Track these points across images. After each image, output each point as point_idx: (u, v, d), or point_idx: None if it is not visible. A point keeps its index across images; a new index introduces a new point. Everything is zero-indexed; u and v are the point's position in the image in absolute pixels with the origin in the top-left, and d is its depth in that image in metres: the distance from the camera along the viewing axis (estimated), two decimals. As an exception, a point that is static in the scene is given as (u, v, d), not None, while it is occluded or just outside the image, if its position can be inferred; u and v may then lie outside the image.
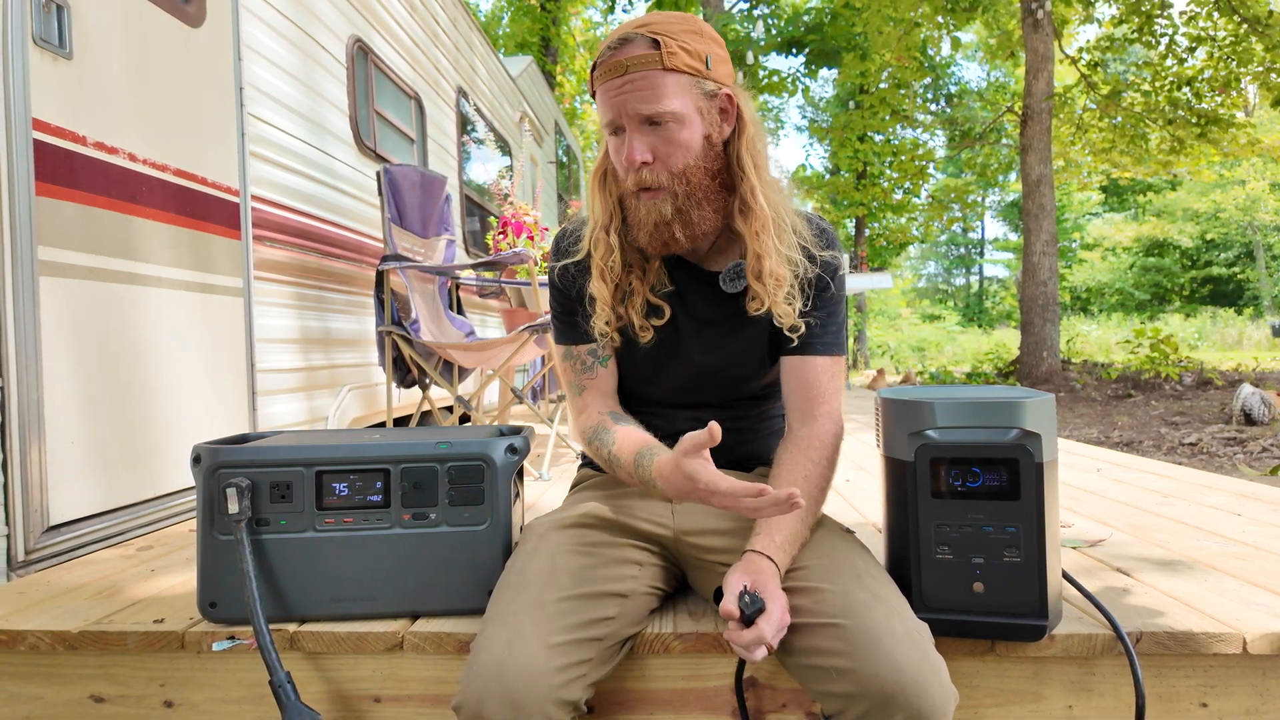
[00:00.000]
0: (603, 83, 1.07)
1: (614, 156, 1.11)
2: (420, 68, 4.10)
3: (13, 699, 1.16)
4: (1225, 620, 1.10)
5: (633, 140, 1.06)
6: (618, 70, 1.04)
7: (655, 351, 1.20)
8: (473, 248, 4.88)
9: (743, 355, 1.19)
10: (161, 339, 1.99)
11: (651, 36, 1.04)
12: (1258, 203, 23.24)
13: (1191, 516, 1.81)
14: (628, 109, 1.05)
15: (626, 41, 1.05)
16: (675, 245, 1.12)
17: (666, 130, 1.05)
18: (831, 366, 1.17)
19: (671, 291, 1.19)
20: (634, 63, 1.03)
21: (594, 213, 1.19)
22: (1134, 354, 8.89)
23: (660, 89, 1.04)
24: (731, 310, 1.17)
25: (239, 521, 1.11)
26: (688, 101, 1.06)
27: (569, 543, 1.06)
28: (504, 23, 17.85)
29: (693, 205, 1.09)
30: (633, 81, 1.04)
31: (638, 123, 1.05)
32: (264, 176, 2.52)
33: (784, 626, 0.92)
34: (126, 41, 1.91)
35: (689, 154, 1.07)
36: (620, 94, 1.05)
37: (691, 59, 1.05)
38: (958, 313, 33.63)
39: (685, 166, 1.08)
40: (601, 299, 1.17)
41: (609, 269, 1.16)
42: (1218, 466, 4.48)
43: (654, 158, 1.07)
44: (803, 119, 29.09)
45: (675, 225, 1.10)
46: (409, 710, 1.13)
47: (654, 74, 1.03)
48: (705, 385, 1.21)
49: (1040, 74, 9.19)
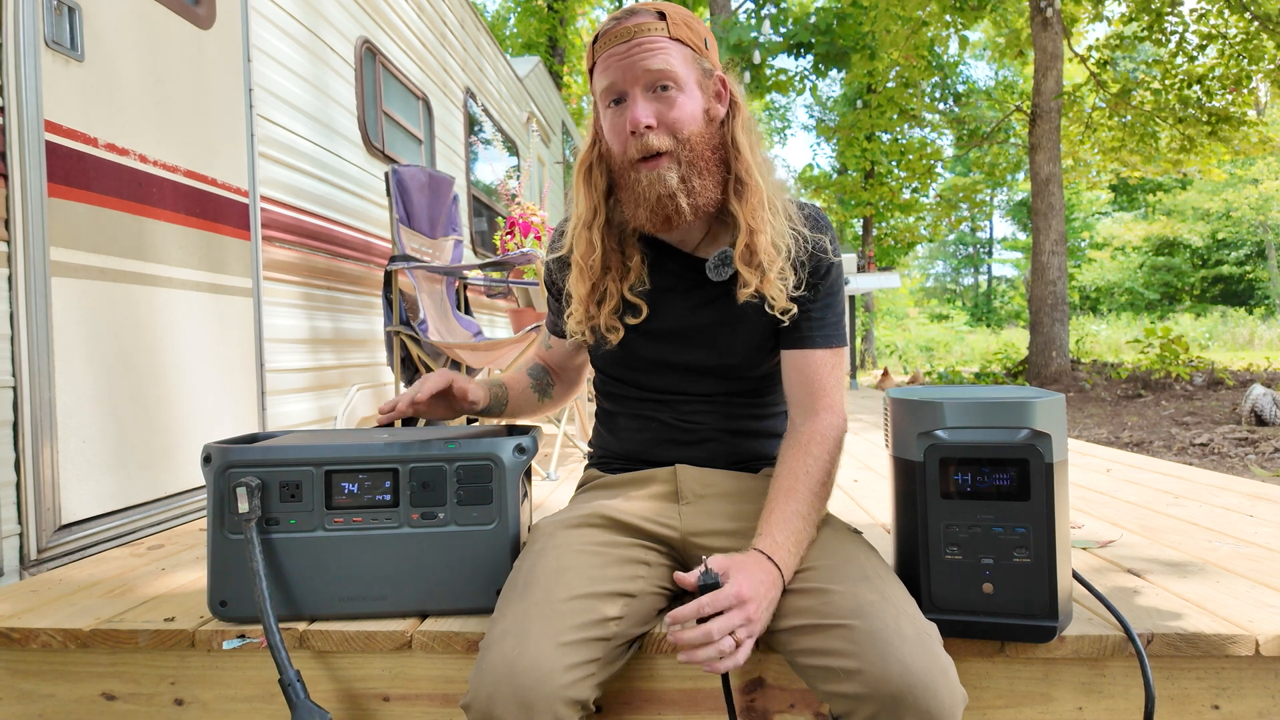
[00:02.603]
0: (606, 49, 1.08)
1: (611, 132, 1.11)
2: (428, 68, 4.11)
3: (25, 696, 1.17)
4: (1237, 622, 1.09)
5: (637, 103, 1.07)
6: (624, 35, 1.06)
7: (644, 344, 1.20)
8: (480, 248, 4.89)
9: (732, 345, 1.18)
10: (172, 339, 2.00)
11: (656, 10, 1.08)
12: (1270, 201, 23.06)
13: (1203, 517, 1.80)
14: (634, 69, 1.06)
15: (632, 13, 1.07)
16: (678, 219, 1.10)
17: (670, 96, 1.07)
18: (832, 359, 1.16)
19: (652, 287, 1.19)
20: (641, 28, 1.06)
21: (577, 208, 1.19)
22: (1144, 354, 8.83)
23: (667, 51, 1.06)
24: (720, 299, 1.17)
25: (249, 521, 1.11)
26: (690, 73, 1.09)
27: (577, 542, 1.06)
28: (511, 23, 17.88)
29: (695, 174, 1.09)
30: (640, 44, 1.06)
31: (643, 86, 1.07)
32: (273, 177, 2.53)
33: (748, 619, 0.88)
34: (137, 43, 1.92)
35: (693, 121, 1.09)
36: (627, 56, 1.06)
37: (693, 35, 1.09)
38: (966, 312, 33.50)
39: (690, 134, 1.08)
40: (578, 296, 1.19)
41: (588, 267, 1.18)
42: (1229, 467, 4.44)
43: (658, 122, 1.07)
44: (810, 118, 29.05)
45: (680, 196, 1.08)
46: (418, 709, 1.13)
47: (661, 38, 1.06)
48: (698, 376, 1.21)
49: (1049, 72, 9.14)
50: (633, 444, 1.26)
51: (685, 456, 1.21)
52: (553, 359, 1.39)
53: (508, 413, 1.29)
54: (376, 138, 3.40)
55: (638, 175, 1.09)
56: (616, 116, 1.09)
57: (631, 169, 1.10)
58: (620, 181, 1.14)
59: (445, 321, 3.09)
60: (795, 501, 1.03)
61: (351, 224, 3.11)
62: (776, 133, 25.99)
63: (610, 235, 1.19)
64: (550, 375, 1.39)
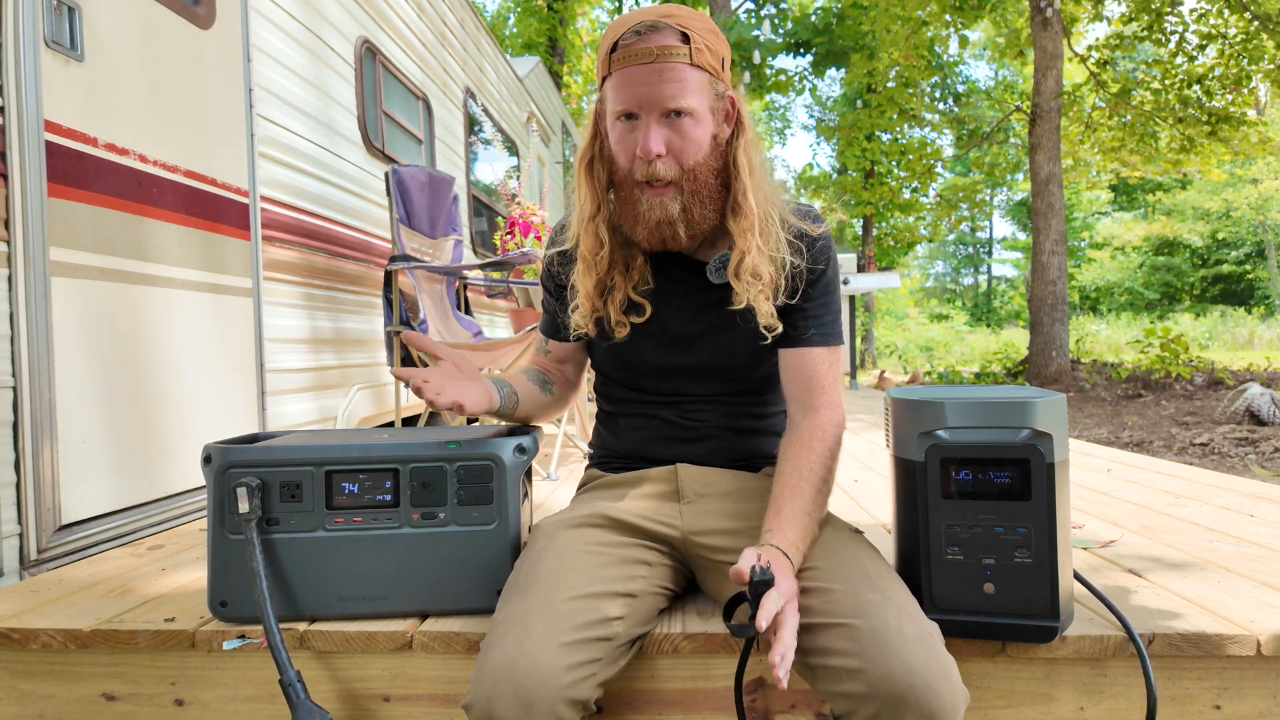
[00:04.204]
0: (626, 66, 1.05)
1: (618, 144, 1.10)
2: (428, 68, 4.10)
3: (25, 697, 1.17)
4: (1239, 622, 1.09)
5: (650, 130, 1.05)
6: (647, 56, 1.03)
7: (644, 344, 1.20)
8: (480, 248, 4.89)
9: (731, 347, 1.18)
10: (172, 339, 2.00)
11: (681, 30, 1.04)
12: (1269, 201, 23.05)
13: (1204, 517, 1.80)
14: (652, 98, 1.04)
15: (656, 29, 1.04)
16: (674, 243, 1.12)
17: (683, 125, 1.06)
18: (829, 356, 1.16)
19: (656, 287, 1.20)
20: (664, 52, 1.03)
21: (580, 202, 1.19)
22: (1144, 354, 8.83)
23: (687, 83, 1.04)
24: (718, 302, 1.17)
25: (249, 521, 1.11)
26: (704, 100, 1.07)
27: (578, 542, 1.06)
28: (511, 23, 17.87)
29: (697, 203, 1.10)
30: (661, 72, 1.03)
31: (659, 114, 1.05)
32: (273, 177, 2.53)
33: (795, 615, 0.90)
34: (137, 43, 1.92)
35: (699, 151, 1.08)
36: (647, 82, 1.04)
37: (712, 58, 1.07)
38: (966, 312, 33.49)
39: (695, 163, 1.08)
40: (584, 290, 1.18)
41: (595, 262, 1.17)
42: (1229, 467, 4.44)
43: (667, 151, 1.06)
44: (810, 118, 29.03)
45: (679, 225, 1.10)
46: (418, 709, 1.13)
47: (682, 67, 1.04)
48: (697, 377, 1.21)
49: (1049, 72, 9.14)
50: (633, 442, 1.26)
51: (686, 455, 1.21)
52: (550, 363, 1.36)
53: (521, 413, 1.26)
54: (376, 137, 3.39)
55: (641, 195, 1.10)
56: (627, 133, 1.09)
57: (636, 188, 1.10)
58: (620, 189, 1.14)
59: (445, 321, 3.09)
60: (801, 498, 1.04)
61: (351, 224, 3.11)
62: (776, 133, 25.96)
63: (614, 230, 1.19)
64: (547, 376, 1.37)
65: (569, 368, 1.37)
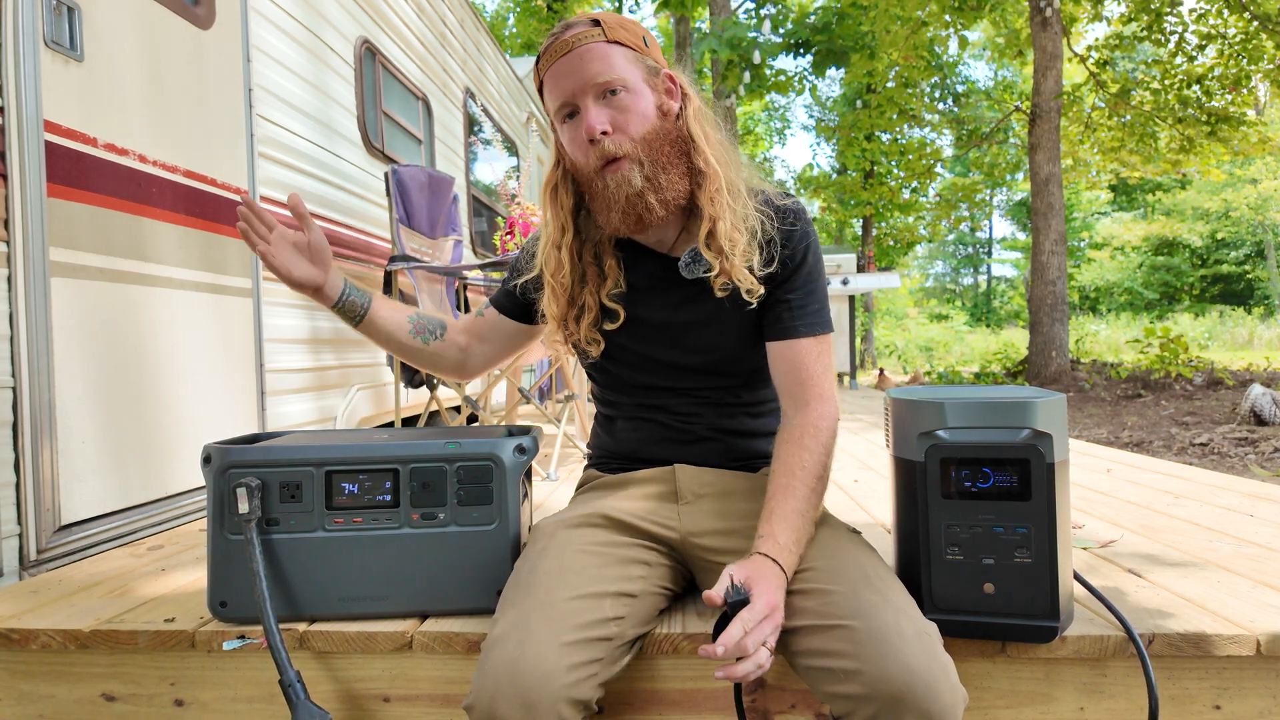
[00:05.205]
0: (550, 64, 1.10)
1: (571, 144, 1.12)
2: (428, 69, 4.10)
3: (25, 697, 1.17)
4: (1239, 622, 1.09)
5: (590, 112, 1.08)
6: (564, 48, 1.08)
7: (631, 344, 1.20)
8: (480, 248, 4.89)
9: (716, 342, 1.18)
10: (172, 339, 2.00)
11: (590, 19, 1.10)
12: (1269, 201, 23.06)
13: (1204, 517, 1.80)
14: (581, 81, 1.07)
15: (569, 27, 1.10)
16: (649, 216, 1.10)
17: (620, 100, 1.08)
18: (817, 346, 1.15)
19: (632, 288, 1.20)
20: (579, 38, 1.08)
21: (546, 228, 1.20)
22: (1143, 354, 8.83)
23: (609, 58, 1.08)
24: (698, 296, 1.17)
25: (249, 521, 1.11)
26: (635, 72, 1.10)
27: (578, 542, 1.06)
28: (511, 23, 17.87)
29: (659, 170, 1.10)
30: (582, 56, 1.07)
31: (593, 96, 1.08)
32: (273, 177, 2.53)
33: (776, 626, 0.90)
34: (137, 43, 1.92)
35: (645, 121, 1.10)
36: (572, 70, 1.08)
37: (629, 36, 1.11)
38: (965, 312, 33.49)
39: (645, 133, 1.09)
40: (552, 315, 1.20)
41: (560, 285, 1.18)
42: (1229, 467, 4.44)
43: (613, 128, 1.08)
44: (810, 118, 29.03)
45: (648, 194, 1.09)
46: (418, 710, 1.13)
47: (600, 45, 1.08)
48: (686, 373, 1.20)
49: (1049, 72, 9.14)
50: (630, 443, 1.26)
51: (683, 456, 1.21)
52: (471, 326, 1.34)
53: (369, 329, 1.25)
54: (376, 138, 3.39)
55: (604, 181, 1.10)
56: (573, 130, 1.11)
57: (597, 177, 1.11)
58: (589, 192, 1.14)
59: (445, 322, 3.09)
60: (794, 499, 1.03)
61: (351, 224, 3.11)
62: (776, 133, 25.95)
63: (585, 249, 1.20)
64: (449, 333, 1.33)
65: (487, 346, 1.34)
